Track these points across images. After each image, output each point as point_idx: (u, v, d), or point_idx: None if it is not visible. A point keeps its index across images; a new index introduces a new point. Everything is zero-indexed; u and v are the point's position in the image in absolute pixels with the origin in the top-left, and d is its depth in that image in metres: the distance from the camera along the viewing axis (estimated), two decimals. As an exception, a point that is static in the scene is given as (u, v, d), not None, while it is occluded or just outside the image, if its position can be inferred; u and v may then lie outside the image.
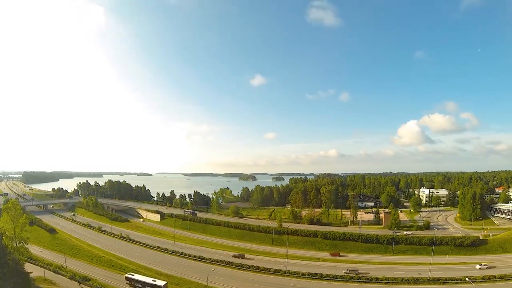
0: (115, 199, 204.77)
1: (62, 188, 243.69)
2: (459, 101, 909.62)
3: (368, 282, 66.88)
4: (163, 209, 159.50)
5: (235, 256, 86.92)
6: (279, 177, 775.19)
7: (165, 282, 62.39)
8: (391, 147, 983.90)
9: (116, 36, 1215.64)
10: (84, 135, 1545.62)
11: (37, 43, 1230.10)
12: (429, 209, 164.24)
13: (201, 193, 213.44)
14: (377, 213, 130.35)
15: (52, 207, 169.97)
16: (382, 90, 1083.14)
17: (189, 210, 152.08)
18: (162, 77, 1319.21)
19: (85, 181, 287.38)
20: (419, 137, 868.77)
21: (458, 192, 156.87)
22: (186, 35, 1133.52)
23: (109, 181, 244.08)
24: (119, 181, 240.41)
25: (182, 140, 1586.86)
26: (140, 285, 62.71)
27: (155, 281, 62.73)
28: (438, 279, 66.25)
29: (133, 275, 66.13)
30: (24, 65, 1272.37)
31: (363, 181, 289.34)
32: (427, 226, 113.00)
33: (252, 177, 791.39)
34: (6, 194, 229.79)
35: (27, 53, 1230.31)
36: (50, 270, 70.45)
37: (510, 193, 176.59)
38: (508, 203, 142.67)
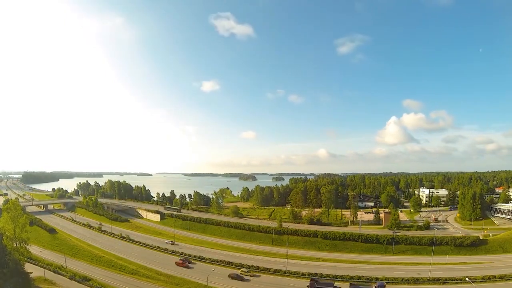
0: (115, 199, 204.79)
1: (62, 188, 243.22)
2: (435, 101, 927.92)
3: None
4: (163, 209, 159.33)
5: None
6: (279, 177, 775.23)
7: None
8: (380, 147, 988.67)
9: (117, 36, 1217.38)
10: (84, 135, 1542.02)
11: (36, 43, 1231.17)
12: (429, 209, 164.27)
13: (201, 193, 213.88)
14: (377, 213, 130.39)
15: (53, 207, 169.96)
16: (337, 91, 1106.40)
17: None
18: (162, 76, 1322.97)
19: (85, 181, 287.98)
20: (402, 137, 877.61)
21: (458, 192, 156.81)
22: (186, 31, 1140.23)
23: (109, 181, 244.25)
24: (119, 181, 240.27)
25: (182, 140, 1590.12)
26: None
27: None
28: (438, 279, 66.23)
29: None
30: (24, 65, 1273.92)
31: (363, 181, 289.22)
32: (427, 226, 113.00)
33: (252, 177, 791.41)
34: (6, 194, 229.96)
35: (26, 53, 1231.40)
36: (50, 270, 70.43)
37: (510, 193, 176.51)
38: (508, 203, 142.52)
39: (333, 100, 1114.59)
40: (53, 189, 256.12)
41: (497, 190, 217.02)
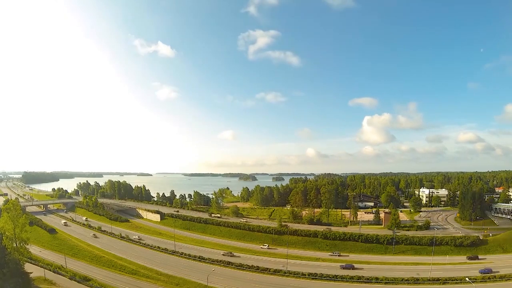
0: (115, 199, 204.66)
1: (62, 188, 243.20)
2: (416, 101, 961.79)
3: (368, 282, 66.83)
4: (164, 209, 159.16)
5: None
6: (279, 177, 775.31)
7: None
8: (366, 146, 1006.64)
9: (116, 35, 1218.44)
10: (84, 135, 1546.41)
11: (36, 43, 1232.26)
12: (429, 209, 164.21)
13: (201, 193, 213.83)
14: (377, 213, 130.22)
15: (53, 207, 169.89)
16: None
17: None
18: (161, 76, 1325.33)
19: (85, 181, 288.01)
20: (384, 136, 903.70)
21: (458, 192, 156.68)
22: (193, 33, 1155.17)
23: (109, 181, 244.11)
24: (119, 181, 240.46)
25: (182, 140, 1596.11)
26: None
27: None
28: (438, 279, 66.21)
29: None
30: (24, 65, 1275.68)
31: (363, 181, 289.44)
32: (427, 226, 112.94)
33: (252, 177, 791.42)
34: (6, 194, 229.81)
35: (27, 53, 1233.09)
36: (50, 270, 70.51)
37: (510, 193, 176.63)
38: (508, 203, 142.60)
39: (286, 101, 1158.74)
40: (53, 189, 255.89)
41: (497, 190, 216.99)
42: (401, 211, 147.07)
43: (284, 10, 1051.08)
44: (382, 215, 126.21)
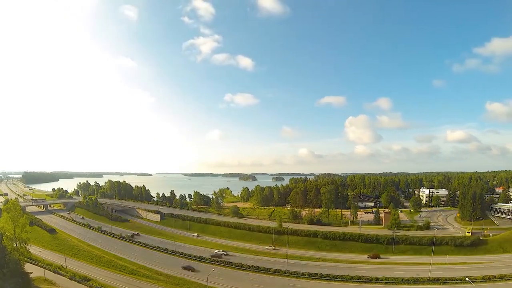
0: (115, 199, 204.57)
1: (62, 188, 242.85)
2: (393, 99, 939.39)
3: (368, 282, 66.91)
4: (164, 209, 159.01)
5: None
6: (279, 177, 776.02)
7: None
8: (360, 147, 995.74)
9: (115, 34, 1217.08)
10: (84, 135, 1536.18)
11: (36, 42, 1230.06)
12: (429, 209, 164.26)
13: (201, 193, 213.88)
14: (377, 213, 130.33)
15: (52, 207, 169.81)
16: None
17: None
18: (161, 75, 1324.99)
19: (85, 181, 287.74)
20: (372, 136, 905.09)
21: (458, 192, 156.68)
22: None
23: (109, 181, 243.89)
24: (119, 181, 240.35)
25: (181, 140, 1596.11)
26: None
27: None
28: (438, 279, 66.27)
29: None
30: (24, 65, 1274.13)
31: (363, 181, 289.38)
32: (427, 226, 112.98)
33: (252, 177, 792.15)
34: (6, 194, 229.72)
35: (26, 52, 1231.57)
36: (50, 271, 70.46)
37: (510, 193, 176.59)
38: (508, 203, 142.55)
39: (260, 102, 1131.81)
40: (53, 189, 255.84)
41: (497, 190, 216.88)
42: (401, 211, 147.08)
43: (222, 18, 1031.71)
44: (382, 215, 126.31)
